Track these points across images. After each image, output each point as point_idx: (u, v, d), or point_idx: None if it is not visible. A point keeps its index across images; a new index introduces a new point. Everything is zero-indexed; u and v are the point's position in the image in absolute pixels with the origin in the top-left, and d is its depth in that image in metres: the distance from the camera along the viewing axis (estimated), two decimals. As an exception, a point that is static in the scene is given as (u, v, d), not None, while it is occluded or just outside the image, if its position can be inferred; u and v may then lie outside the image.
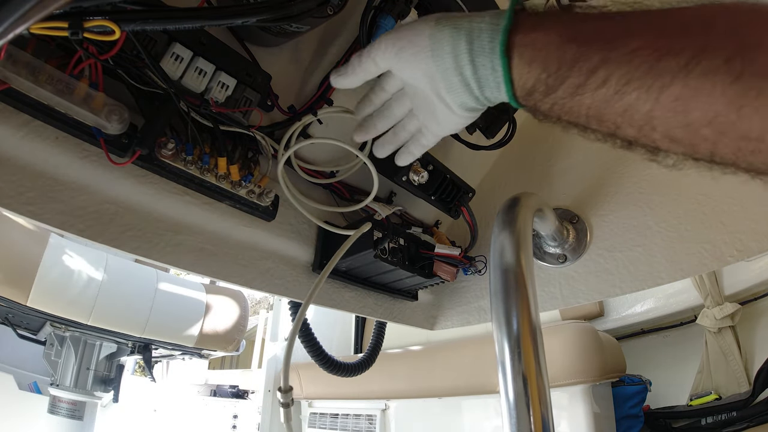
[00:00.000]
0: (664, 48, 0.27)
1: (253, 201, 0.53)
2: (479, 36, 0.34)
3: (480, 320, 0.81)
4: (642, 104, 0.28)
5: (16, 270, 1.62)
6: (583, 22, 0.31)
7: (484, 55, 0.34)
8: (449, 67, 0.36)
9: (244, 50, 0.50)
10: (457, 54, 0.35)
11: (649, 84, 0.27)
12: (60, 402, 1.83)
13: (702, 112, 0.26)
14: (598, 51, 0.29)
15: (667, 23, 0.28)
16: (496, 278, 0.40)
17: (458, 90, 0.37)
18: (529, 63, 0.32)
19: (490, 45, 0.33)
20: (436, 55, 0.36)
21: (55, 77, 0.37)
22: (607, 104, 0.29)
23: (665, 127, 0.28)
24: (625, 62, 0.28)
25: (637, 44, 0.28)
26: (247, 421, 2.65)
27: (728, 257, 0.58)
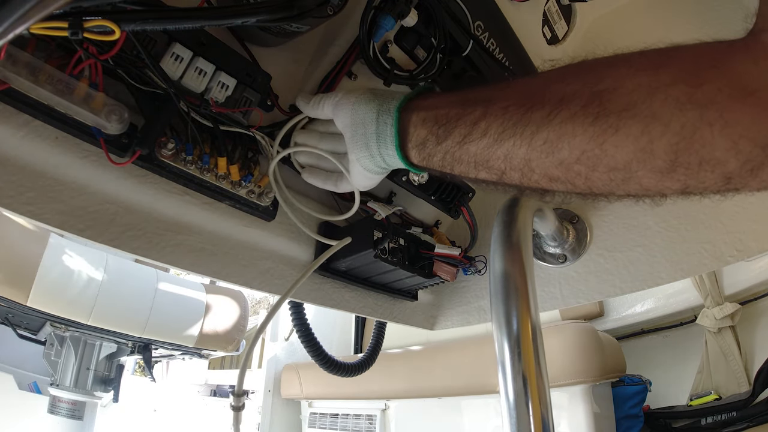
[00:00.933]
0: (529, 103, 0.33)
1: (253, 201, 0.53)
2: (389, 101, 0.42)
3: (480, 320, 0.81)
4: (518, 149, 0.33)
5: (16, 270, 1.62)
6: (470, 89, 0.38)
7: (388, 115, 0.41)
8: (358, 121, 0.42)
9: (244, 50, 0.50)
10: (367, 112, 0.42)
11: (520, 132, 0.33)
12: (60, 402, 1.83)
13: (569, 151, 0.31)
14: (479, 107, 0.35)
15: (532, 84, 0.34)
16: (496, 278, 0.40)
17: (359, 143, 0.43)
18: (423, 119, 0.39)
19: (394, 105, 0.41)
20: (354, 110, 0.43)
21: (55, 77, 0.37)
22: (490, 150, 0.35)
23: (542, 167, 0.33)
24: (500, 115, 0.34)
25: (509, 102, 0.34)
26: (247, 421, 2.65)
27: (728, 257, 0.58)
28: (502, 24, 0.63)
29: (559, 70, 0.34)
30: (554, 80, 0.33)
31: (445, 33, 0.55)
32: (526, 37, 0.67)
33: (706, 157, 0.27)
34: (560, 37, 0.76)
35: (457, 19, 0.57)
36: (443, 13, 0.54)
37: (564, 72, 0.33)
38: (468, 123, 0.36)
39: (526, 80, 0.36)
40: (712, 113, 0.26)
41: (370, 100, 0.43)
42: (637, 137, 0.28)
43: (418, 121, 0.39)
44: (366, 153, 0.43)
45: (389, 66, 0.54)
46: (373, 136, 0.42)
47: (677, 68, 0.28)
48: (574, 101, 0.30)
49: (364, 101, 0.43)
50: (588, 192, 0.33)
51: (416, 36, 0.56)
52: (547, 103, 0.32)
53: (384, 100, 0.42)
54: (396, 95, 0.43)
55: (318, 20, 0.46)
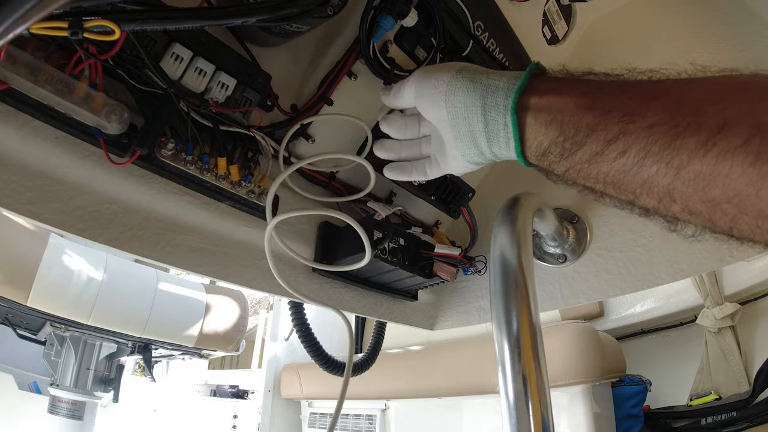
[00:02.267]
0: (681, 125, 0.27)
1: (253, 201, 0.53)
2: (495, 93, 0.35)
3: (480, 320, 0.81)
4: (662, 178, 0.28)
5: (16, 270, 1.62)
6: (599, 90, 0.31)
7: (497, 112, 0.35)
8: (460, 116, 0.37)
9: (244, 50, 0.50)
10: (468, 105, 0.36)
11: (667, 160, 0.28)
12: (60, 402, 1.83)
13: (722, 191, 0.26)
14: (616, 122, 0.29)
15: (683, 98, 0.28)
16: (496, 278, 0.40)
17: (465, 140, 0.38)
18: (545, 124, 0.33)
19: (504, 102, 0.34)
20: (450, 102, 0.37)
21: (55, 77, 0.37)
22: (626, 174, 0.30)
23: (685, 201, 0.28)
24: (644, 136, 0.28)
25: (655, 119, 0.28)
26: (247, 421, 2.65)
27: (728, 257, 0.58)
28: (502, 24, 0.63)
29: (715, 84, 0.28)
30: (711, 98, 0.27)
31: (445, 33, 0.55)
32: (526, 37, 0.67)
33: None
34: (560, 37, 0.76)
35: (457, 19, 0.57)
36: (443, 13, 0.54)
37: (723, 89, 0.28)
38: (602, 140, 0.30)
39: (676, 89, 0.29)
40: None
41: (469, 89, 0.36)
42: None
43: (538, 126, 0.33)
44: (475, 150, 0.39)
45: (389, 66, 0.54)
46: (482, 135, 0.37)
47: None
48: (734, 132, 0.26)
49: (461, 91, 0.36)
50: (727, 233, 0.29)
51: (416, 36, 0.56)
52: (702, 128, 0.26)
53: (488, 91, 0.35)
54: (500, 81, 0.36)
55: (318, 20, 0.46)
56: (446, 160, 0.44)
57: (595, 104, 0.31)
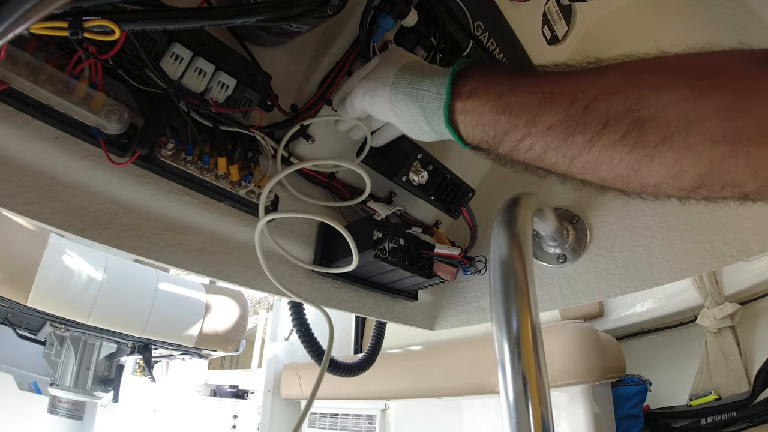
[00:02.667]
0: (571, 126, 0.34)
1: (253, 201, 0.53)
2: (428, 102, 0.42)
3: (480, 320, 0.81)
4: (560, 165, 0.37)
5: (16, 270, 1.62)
6: (512, 90, 0.38)
7: (436, 117, 0.42)
8: (409, 121, 0.45)
9: (244, 50, 0.50)
10: (412, 114, 0.44)
11: (563, 153, 0.35)
12: (60, 402, 1.83)
13: (607, 172, 0.34)
14: (522, 126, 0.37)
15: (576, 97, 0.34)
16: (496, 278, 0.40)
17: (418, 134, 0.46)
18: (472, 127, 0.41)
19: (438, 111, 0.42)
20: (396, 113, 0.45)
21: (55, 77, 0.37)
22: (536, 161, 0.38)
23: (582, 177, 0.37)
24: (543, 137, 0.36)
25: (552, 121, 0.35)
26: (247, 421, 2.65)
27: (728, 257, 0.58)
28: (502, 24, 0.63)
29: (606, 76, 0.34)
30: (599, 96, 0.33)
31: (445, 33, 0.55)
32: (526, 37, 0.67)
33: (729, 182, 0.30)
34: (560, 37, 0.76)
35: (457, 19, 0.57)
36: (443, 13, 0.54)
37: (610, 81, 0.33)
38: (513, 140, 0.38)
39: (572, 86, 0.35)
40: (741, 148, 0.28)
41: (407, 103, 0.44)
42: (670, 166, 0.31)
43: (467, 128, 0.41)
44: (430, 138, 0.47)
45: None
46: (430, 132, 0.45)
47: (718, 99, 0.29)
48: (615, 128, 0.32)
49: (402, 105, 0.44)
50: (621, 194, 0.37)
51: (416, 36, 0.56)
52: (589, 127, 0.33)
53: (423, 101, 0.43)
54: (430, 90, 0.42)
55: (318, 20, 0.46)
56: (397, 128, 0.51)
57: (506, 107, 0.38)
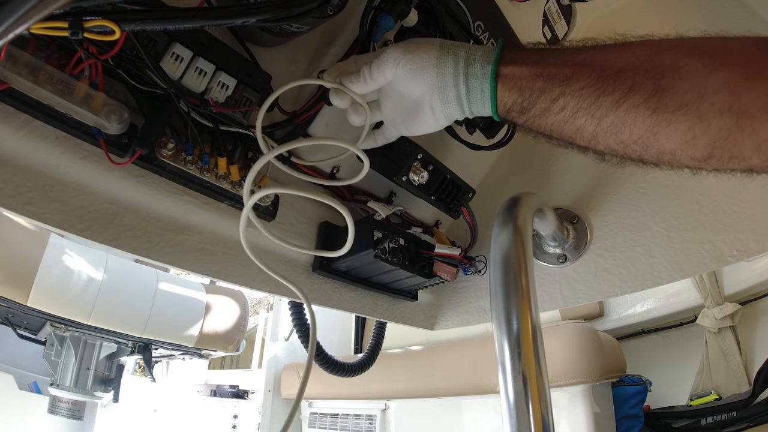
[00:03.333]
0: (602, 88, 0.37)
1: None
2: (473, 63, 0.43)
3: (480, 320, 0.81)
4: (588, 126, 0.39)
5: (16, 270, 1.62)
6: (546, 59, 0.41)
7: (476, 79, 0.43)
8: (449, 84, 0.45)
9: (244, 50, 0.50)
10: (456, 75, 0.44)
11: (592, 113, 0.38)
12: (60, 402, 1.83)
13: (629, 135, 0.37)
14: (558, 86, 0.39)
15: (605, 66, 0.38)
16: (496, 278, 0.40)
17: (451, 103, 0.46)
18: (509, 89, 0.42)
19: (481, 72, 0.43)
20: (441, 73, 0.44)
21: (55, 77, 0.37)
22: (565, 124, 0.40)
23: (605, 142, 0.39)
24: (576, 96, 0.38)
25: (584, 83, 0.38)
26: (247, 421, 2.65)
27: (728, 257, 0.58)
28: (502, 24, 0.63)
29: (631, 51, 0.38)
30: (626, 66, 0.37)
31: (445, 33, 0.55)
32: (526, 37, 0.67)
33: (735, 154, 0.34)
34: (560, 37, 0.76)
35: (457, 19, 0.57)
36: (443, 13, 0.54)
37: (634, 55, 0.37)
38: (547, 100, 0.40)
39: (602, 57, 0.39)
40: (745, 121, 0.32)
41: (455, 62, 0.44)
42: (684, 132, 0.34)
43: (504, 90, 0.43)
44: (458, 110, 0.46)
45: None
46: (465, 98, 0.45)
47: (725, 75, 0.33)
48: (639, 92, 0.35)
49: (450, 63, 0.44)
50: (639, 161, 0.40)
51: (416, 36, 0.56)
52: (617, 89, 0.36)
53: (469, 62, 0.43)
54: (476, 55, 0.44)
55: (318, 20, 0.46)
56: (414, 123, 0.50)
57: (543, 72, 0.40)
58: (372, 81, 0.47)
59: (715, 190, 0.61)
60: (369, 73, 0.47)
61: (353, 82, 0.48)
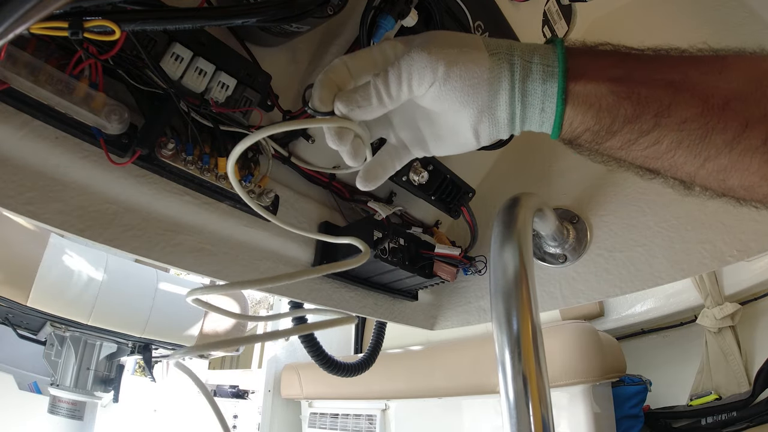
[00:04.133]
0: (710, 123, 0.30)
1: (253, 201, 0.53)
2: (530, 76, 0.33)
3: (480, 320, 0.81)
4: (686, 166, 0.32)
5: (16, 270, 1.62)
6: (630, 76, 0.32)
7: (535, 96, 0.33)
8: (502, 104, 0.34)
9: (244, 50, 0.50)
10: (512, 93, 0.34)
11: (696, 152, 0.31)
12: (60, 402, 1.83)
13: (739, 180, 0.31)
14: (652, 116, 0.31)
15: (710, 94, 0.30)
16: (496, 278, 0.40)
17: (502, 124, 0.35)
18: (581, 112, 0.33)
19: (542, 87, 0.33)
20: (493, 91, 0.34)
21: (55, 77, 0.37)
22: (656, 160, 0.32)
23: (704, 183, 0.33)
24: (677, 130, 0.30)
25: (686, 115, 0.30)
26: (247, 421, 2.65)
27: (728, 257, 0.58)
28: (502, 24, 0.63)
29: (732, 71, 0.31)
30: (734, 94, 0.30)
31: (445, 33, 0.55)
32: (526, 37, 0.67)
33: None
34: (560, 37, 0.76)
35: (457, 19, 0.57)
36: (443, 13, 0.54)
37: (738, 78, 0.30)
38: (636, 131, 0.32)
39: (700, 79, 0.31)
40: None
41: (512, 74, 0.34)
42: None
43: (575, 113, 0.33)
44: (506, 131, 0.36)
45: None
46: (518, 119, 0.35)
47: None
48: (755, 132, 0.29)
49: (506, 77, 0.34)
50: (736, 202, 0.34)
51: (416, 36, 0.56)
52: (729, 127, 0.29)
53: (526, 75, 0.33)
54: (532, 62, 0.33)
55: (318, 20, 0.46)
56: (447, 146, 0.40)
57: (630, 93, 0.31)
58: (391, 101, 0.34)
59: (715, 190, 0.61)
60: (386, 90, 0.34)
61: (361, 107, 0.34)
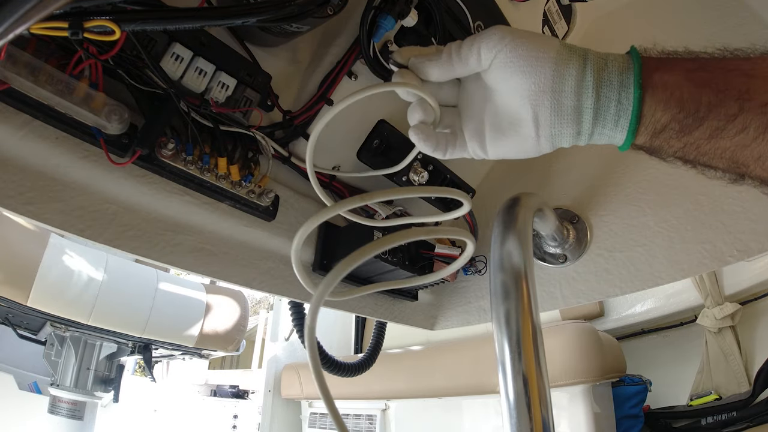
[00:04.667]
0: None
1: (253, 201, 0.53)
2: (606, 67, 0.33)
3: (480, 320, 0.81)
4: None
5: (16, 270, 1.62)
6: (703, 68, 0.32)
7: (611, 87, 0.32)
8: (568, 88, 0.33)
9: (244, 50, 0.50)
10: (581, 78, 0.32)
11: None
12: (60, 402, 1.83)
13: None
14: (735, 99, 0.30)
15: None
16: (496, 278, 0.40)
17: (566, 117, 0.33)
18: (663, 101, 0.32)
19: (618, 78, 0.32)
20: (559, 71, 0.33)
21: (55, 77, 0.37)
22: (744, 149, 0.31)
23: None
24: (760, 113, 0.29)
25: (765, 98, 0.29)
26: (247, 421, 2.65)
27: (728, 257, 0.58)
28: (502, 24, 0.63)
29: None
30: None
31: (445, 33, 0.55)
32: (526, 37, 0.67)
33: None
34: (560, 37, 0.76)
35: (457, 19, 0.57)
36: (443, 13, 0.54)
37: None
38: (721, 116, 0.30)
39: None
40: None
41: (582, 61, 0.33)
42: None
43: (656, 103, 0.32)
44: (572, 129, 0.34)
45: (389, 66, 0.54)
46: (589, 112, 0.33)
47: None
48: None
49: (575, 61, 0.33)
50: None
51: (416, 36, 0.56)
52: None
53: (601, 65, 0.33)
54: (606, 59, 0.33)
55: (318, 20, 0.46)
56: (505, 139, 0.37)
57: (709, 81, 0.31)
58: (458, 62, 0.36)
59: (715, 189, 0.61)
60: (457, 50, 0.36)
61: (430, 61, 0.37)
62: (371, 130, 0.60)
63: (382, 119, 0.60)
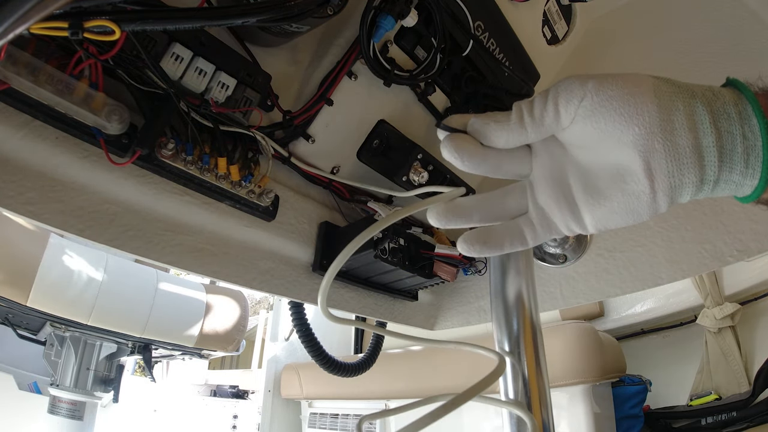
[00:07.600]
0: None
1: (253, 201, 0.53)
2: (716, 98, 0.27)
3: (480, 320, 0.81)
4: None
5: (16, 270, 1.62)
6: None
7: (729, 120, 0.26)
8: (680, 125, 0.27)
9: (244, 50, 0.50)
10: (692, 111, 0.27)
11: None
12: (60, 402, 1.83)
13: None
14: None
15: None
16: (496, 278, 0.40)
17: (685, 160, 0.27)
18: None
19: (735, 109, 0.26)
20: (664, 105, 0.27)
21: (55, 77, 0.37)
22: None
23: None
24: None
25: None
26: (247, 421, 2.65)
27: (728, 257, 0.58)
28: (502, 24, 0.63)
29: None
30: None
31: (445, 33, 0.55)
32: (526, 37, 0.67)
33: None
34: (560, 37, 0.76)
35: (457, 19, 0.57)
36: (443, 13, 0.54)
37: None
38: None
39: None
40: None
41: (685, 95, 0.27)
42: None
43: None
44: (695, 176, 0.27)
45: (389, 66, 0.54)
46: (711, 151, 0.26)
47: None
48: None
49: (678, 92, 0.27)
50: None
51: (416, 36, 0.56)
52: None
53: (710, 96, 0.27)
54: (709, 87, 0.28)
55: (318, 20, 0.46)
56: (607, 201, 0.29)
57: None
58: (532, 124, 0.29)
59: (715, 190, 0.61)
60: (528, 110, 0.30)
61: (497, 123, 0.30)
62: (371, 130, 0.60)
63: (382, 119, 0.60)
